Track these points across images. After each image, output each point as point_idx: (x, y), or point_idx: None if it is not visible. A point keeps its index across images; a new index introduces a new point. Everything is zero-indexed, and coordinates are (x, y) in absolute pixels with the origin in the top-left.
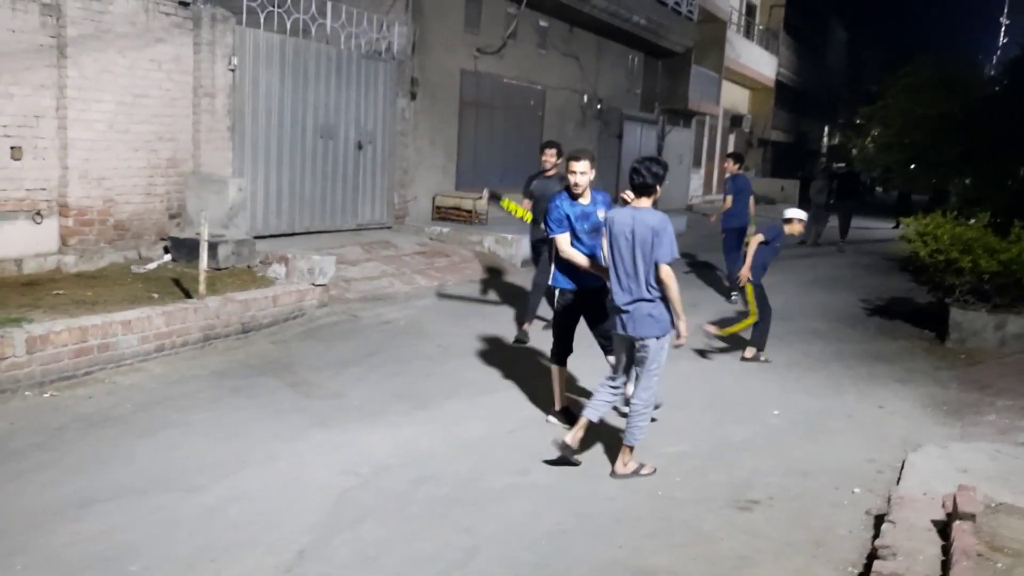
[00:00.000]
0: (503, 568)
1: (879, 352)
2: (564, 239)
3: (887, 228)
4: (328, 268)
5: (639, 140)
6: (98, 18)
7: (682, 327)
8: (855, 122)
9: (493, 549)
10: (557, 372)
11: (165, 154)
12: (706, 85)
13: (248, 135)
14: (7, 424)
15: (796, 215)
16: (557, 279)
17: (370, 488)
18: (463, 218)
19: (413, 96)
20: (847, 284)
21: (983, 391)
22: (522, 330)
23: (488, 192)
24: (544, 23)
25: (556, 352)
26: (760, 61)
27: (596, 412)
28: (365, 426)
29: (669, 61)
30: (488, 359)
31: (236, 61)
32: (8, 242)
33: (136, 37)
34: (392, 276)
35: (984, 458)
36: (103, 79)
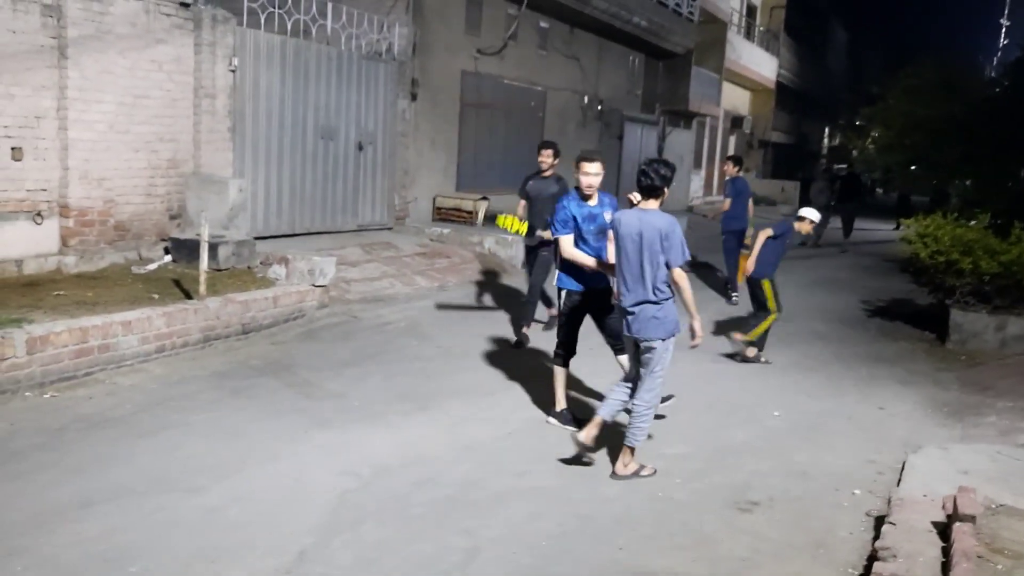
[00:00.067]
0: (504, 570)
1: (880, 353)
2: (568, 240)
3: (888, 229)
4: (328, 269)
5: (640, 141)
6: (99, 19)
7: (697, 327)
8: (856, 123)
9: (494, 551)
10: (560, 373)
11: (166, 155)
12: (707, 86)
13: (249, 136)
14: (7, 425)
15: (809, 215)
16: (562, 280)
17: (370, 489)
18: (463, 219)
19: (414, 97)
20: (848, 285)
21: (984, 393)
22: (522, 333)
23: (487, 212)
24: (545, 24)
25: (560, 353)
26: (761, 62)
27: (610, 411)
28: (366, 427)
29: (670, 62)
30: (489, 360)
31: (237, 62)
32: (8, 243)
33: (137, 38)
34: (392, 277)
35: (985, 460)
36: (104, 80)
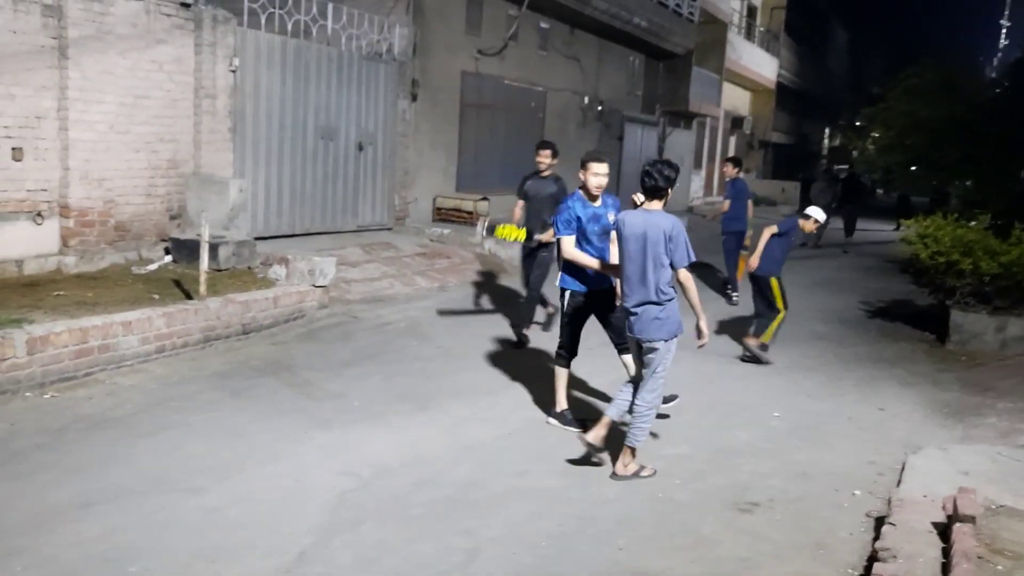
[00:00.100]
0: (504, 570)
1: (880, 354)
2: (569, 241)
3: (888, 230)
4: (328, 269)
5: (640, 142)
6: (99, 19)
7: (704, 327)
8: (856, 124)
9: (494, 551)
10: (561, 374)
11: (166, 155)
12: (707, 87)
13: (249, 136)
14: (8, 425)
15: (815, 214)
16: (566, 281)
17: (370, 490)
18: (464, 219)
19: (414, 97)
20: (848, 286)
21: (984, 393)
22: (522, 334)
23: (487, 225)
24: (545, 25)
25: (562, 354)
26: (761, 63)
27: (618, 411)
28: (366, 427)
29: (670, 63)
30: (489, 361)
31: (237, 62)
32: (9, 243)
33: (137, 38)
34: (392, 277)
35: (985, 460)
36: (104, 80)
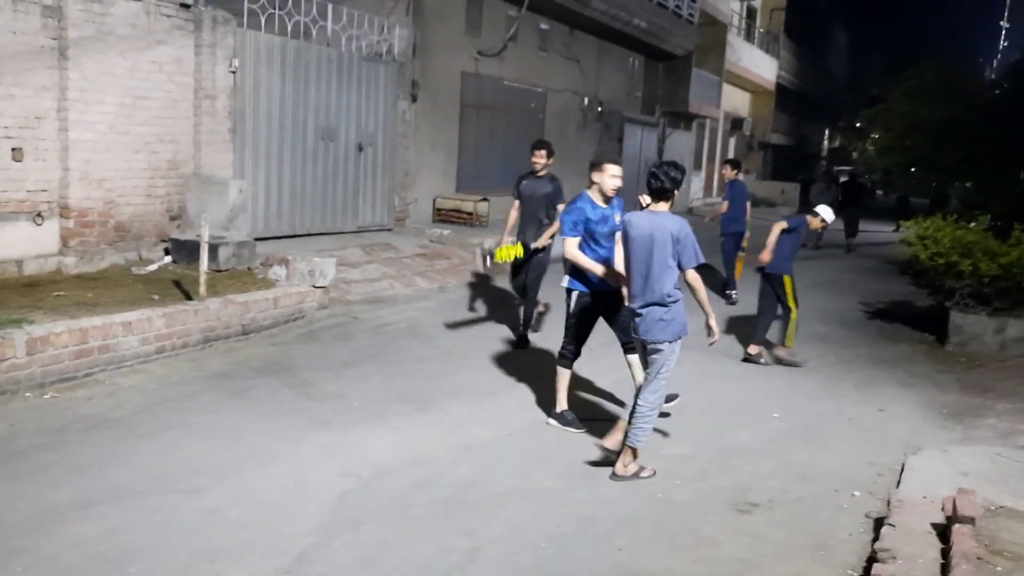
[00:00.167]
0: (504, 571)
1: (879, 355)
2: (573, 243)
3: (888, 231)
4: (328, 270)
5: (640, 143)
6: (99, 20)
7: (713, 325)
8: (856, 125)
9: (494, 552)
10: (563, 374)
11: (166, 156)
12: (707, 88)
13: (249, 137)
14: (8, 425)
15: (823, 212)
16: (572, 282)
17: (370, 490)
18: (464, 220)
19: (414, 98)
20: (848, 287)
21: (983, 394)
22: (522, 335)
23: (485, 255)
24: (545, 26)
25: (565, 354)
26: (761, 64)
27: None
28: (366, 428)
29: (670, 64)
30: (489, 361)
31: (237, 63)
32: (9, 243)
33: (137, 39)
34: (393, 278)
35: (984, 461)
36: (104, 81)
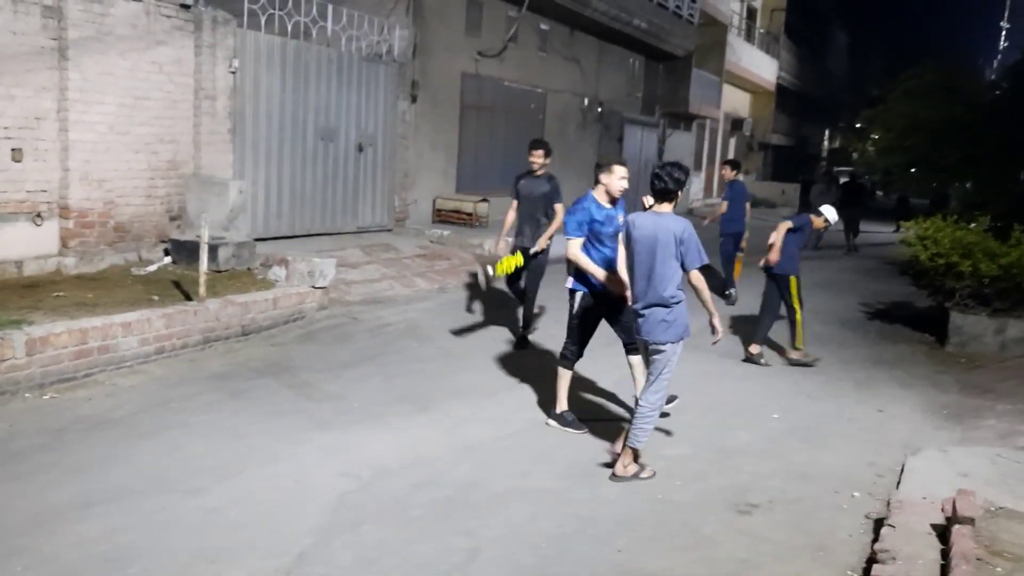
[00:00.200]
0: (504, 571)
1: (879, 356)
2: (577, 243)
3: (887, 232)
4: (328, 271)
5: (640, 143)
6: (99, 20)
7: (717, 324)
8: (856, 126)
9: (494, 552)
10: (565, 375)
11: (166, 156)
12: (707, 89)
13: (249, 137)
14: (7, 426)
15: (827, 213)
16: (575, 283)
17: (370, 491)
18: (463, 221)
19: (414, 99)
20: (847, 288)
21: (983, 395)
22: (521, 337)
23: (486, 271)
24: (545, 26)
25: (567, 355)
26: (761, 65)
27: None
28: (366, 429)
29: (670, 64)
30: (489, 362)
31: (237, 63)
32: (9, 244)
33: (137, 39)
34: (392, 279)
35: (984, 462)
36: (104, 81)
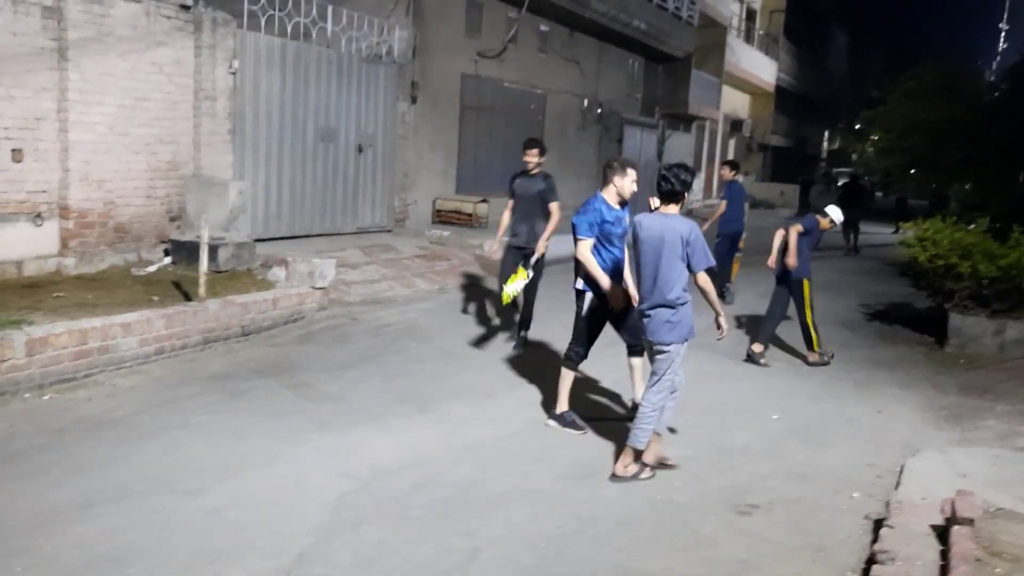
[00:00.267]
0: (504, 571)
1: (878, 357)
2: (587, 245)
3: (887, 233)
4: (328, 271)
5: (639, 144)
6: (99, 21)
7: (723, 323)
8: (855, 127)
9: (494, 552)
10: (568, 376)
11: (166, 157)
12: (706, 90)
13: (249, 138)
14: (7, 426)
15: (833, 214)
16: (585, 284)
17: (370, 491)
18: (463, 221)
19: (414, 100)
20: (847, 289)
21: (982, 396)
22: (521, 337)
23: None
24: (545, 27)
25: (572, 356)
26: (760, 66)
27: (661, 422)
28: (365, 429)
29: (670, 66)
30: (488, 362)
31: (237, 64)
32: (8, 244)
33: (137, 40)
34: (392, 279)
35: (983, 463)
36: (104, 82)
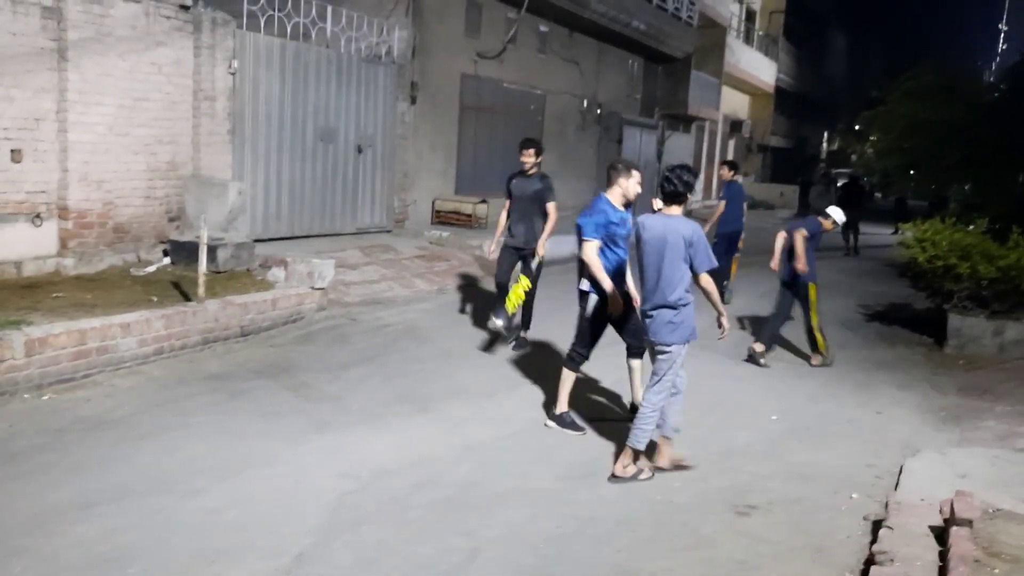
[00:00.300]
0: (504, 571)
1: (878, 358)
2: (594, 246)
3: (886, 234)
4: (327, 272)
5: (639, 145)
6: (99, 21)
7: (724, 321)
8: (855, 127)
9: (493, 552)
10: (569, 377)
11: (165, 157)
12: (706, 90)
13: (248, 138)
14: (6, 426)
15: (834, 213)
16: (590, 285)
17: (370, 491)
18: (463, 222)
19: (413, 100)
20: (846, 289)
21: (982, 397)
22: (521, 338)
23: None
24: (544, 28)
25: (574, 357)
26: (760, 67)
27: (670, 425)
28: (365, 429)
29: (669, 66)
30: (488, 363)
31: (236, 65)
32: (8, 244)
33: (137, 40)
34: (391, 280)
35: (983, 464)
36: (103, 82)
